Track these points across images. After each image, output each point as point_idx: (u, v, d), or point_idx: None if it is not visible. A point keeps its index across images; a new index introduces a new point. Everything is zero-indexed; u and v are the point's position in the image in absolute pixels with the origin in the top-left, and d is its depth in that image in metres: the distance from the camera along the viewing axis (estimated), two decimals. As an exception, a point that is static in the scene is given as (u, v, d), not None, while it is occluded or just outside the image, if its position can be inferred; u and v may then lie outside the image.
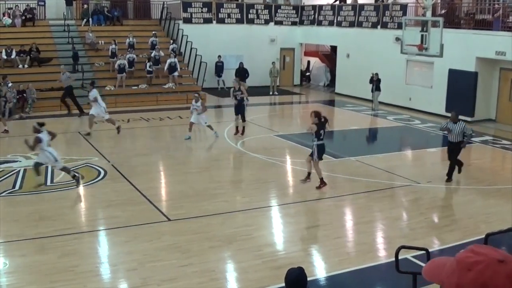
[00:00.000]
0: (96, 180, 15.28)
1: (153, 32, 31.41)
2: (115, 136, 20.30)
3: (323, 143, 14.43)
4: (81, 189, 14.54)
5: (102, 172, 15.81)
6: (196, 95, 20.68)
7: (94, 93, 21.02)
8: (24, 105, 25.17)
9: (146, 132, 22.12)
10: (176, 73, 29.22)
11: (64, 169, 14.71)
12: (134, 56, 29.35)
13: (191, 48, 31.25)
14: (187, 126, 20.15)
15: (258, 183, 15.26)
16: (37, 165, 14.52)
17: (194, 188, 14.45)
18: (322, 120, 14.32)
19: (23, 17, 30.56)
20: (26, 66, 27.93)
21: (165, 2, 33.46)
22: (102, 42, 30.70)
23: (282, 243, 11.39)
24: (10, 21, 30.36)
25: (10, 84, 24.84)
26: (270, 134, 21.82)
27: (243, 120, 20.85)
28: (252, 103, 23.52)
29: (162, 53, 29.52)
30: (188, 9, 33.27)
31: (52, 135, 14.68)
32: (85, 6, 32.75)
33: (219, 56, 32.65)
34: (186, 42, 31.49)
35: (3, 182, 14.93)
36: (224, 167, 17.55)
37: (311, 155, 14.42)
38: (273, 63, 33.25)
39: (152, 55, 29.42)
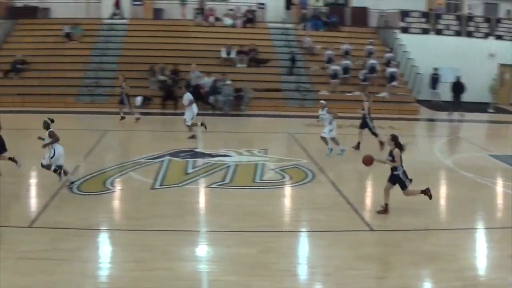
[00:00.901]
0: (304, 182, 15.42)
1: (370, 40, 31.28)
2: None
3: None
4: (288, 189, 14.82)
5: (310, 175, 15.94)
6: (323, 102, 19.71)
7: (188, 96, 20.87)
8: (240, 103, 26.26)
9: (355, 139, 21.98)
10: (394, 83, 28.79)
11: (46, 166, 14.23)
12: (349, 63, 29.41)
13: (407, 59, 30.67)
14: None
15: (465, 202, 14.51)
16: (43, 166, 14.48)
17: (398, 200, 14.07)
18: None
19: (244, 19, 31.94)
20: (244, 65, 29.15)
21: (383, 11, 33.15)
22: (319, 47, 31.12)
23: (484, 268, 10.69)
24: (231, 22, 31.95)
25: (228, 82, 26.13)
26: (484, 153, 20.69)
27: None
28: (466, 119, 22.46)
29: (377, 62, 29.27)
30: (406, 18, 32.69)
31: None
32: (304, 11, 33.44)
33: (436, 69, 31.63)
34: (403, 52, 30.94)
35: (215, 175, 15.65)
36: (431, 182, 16.88)
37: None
38: (495, 79, 31.54)
39: (368, 63, 29.27)
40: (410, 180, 12.87)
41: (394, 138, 12.93)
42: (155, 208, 12.88)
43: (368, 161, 13.18)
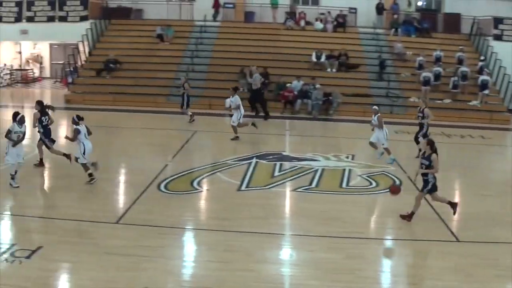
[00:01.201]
0: (391, 189, 15.19)
1: (460, 47, 30.45)
2: (413, 147, 20.00)
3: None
4: (374, 196, 14.64)
5: (398, 182, 15.67)
6: (376, 108, 18.73)
7: (235, 99, 20.59)
8: (328, 107, 26.15)
9: (445, 148, 21.45)
10: (486, 91, 27.93)
11: (83, 165, 14.49)
12: (441, 69, 28.75)
13: (499, 67, 29.68)
14: (490, 147, 19.14)
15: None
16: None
17: (487, 211, 13.65)
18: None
19: (335, 23, 31.80)
20: (334, 70, 29.02)
21: (476, 17, 32.22)
22: (410, 53, 30.58)
23: None
24: (322, 26, 31.89)
25: (318, 86, 26.09)
26: None
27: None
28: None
29: (469, 70, 28.48)
30: (500, 25, 31.63)
31: (89, 131, 14.56)
32: (395, 16, 32.96)
33: (529, 77, 30.45)
34: (495, 60, 29.97)
35: (302, 179, 15.63)
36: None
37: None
38: None
39: (459, 70, 28.53)
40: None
41: (431, 143, 12.54)
42: (240, 209, 13.02)
43: (395, 190, 13.21)
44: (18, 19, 33.33)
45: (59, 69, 37.13)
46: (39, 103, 15.61)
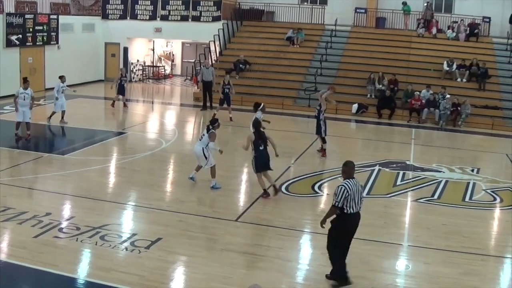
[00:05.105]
0: (514, 206, 14.81)
1: None
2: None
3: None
4: (498, 212, 14.31)
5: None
6: None
7: None
8: (456, 118, 25.63)
9: None
10: None
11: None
12: None
13: None
14: None
15: None
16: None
17: None
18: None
19: (467, 32, 31.02)
20: (464, 80, 28.34)
21: None
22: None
23: None
24: (453, 34, 31.17)
25: (447, 96, 25.63)
26: None
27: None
28: None
29: None
30: None
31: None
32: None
33: None
34: None
35: (424, 189, 15.56)
36: None
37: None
38: None
39: None
40: None
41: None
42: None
43: None
44: (152, 17, 35.16)
45: (190, 67, 38.57)
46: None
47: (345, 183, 9.27)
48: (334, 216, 9.41)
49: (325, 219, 9.50)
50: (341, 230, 9.39)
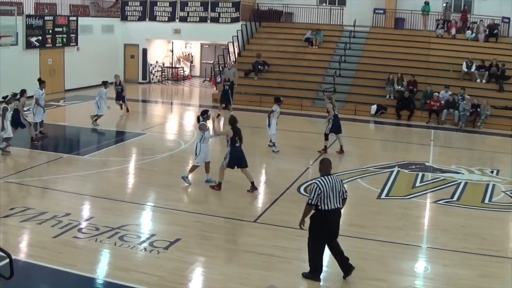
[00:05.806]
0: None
1: None
2: None
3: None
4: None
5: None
6: None
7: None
8: (476, 119, 25.48)
9: None
10: None
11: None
12: None
13: None
14: None
15: None
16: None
17: None
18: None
19: (486, 33, 30.81)
20: (484, 81, 28.15)
21: None
22: None
23: None
24: (473, 35, 30.97)
25: (467, 97, 25.49)
26: None
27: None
28: None
29: None
30: None
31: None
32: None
33: None
34: None
35: (443, 191, 15.47)
36: None
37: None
38: None
39: None
40: None
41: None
42: (378, 217, 13.15)
43: None
44: (171, 19, 35.29)
45: (209, 69, 38.67)
46: None
47: (318, 180, 9.37)
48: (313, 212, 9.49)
49: (302, 219, 9.63)
50: (319, 226, 9.48)
